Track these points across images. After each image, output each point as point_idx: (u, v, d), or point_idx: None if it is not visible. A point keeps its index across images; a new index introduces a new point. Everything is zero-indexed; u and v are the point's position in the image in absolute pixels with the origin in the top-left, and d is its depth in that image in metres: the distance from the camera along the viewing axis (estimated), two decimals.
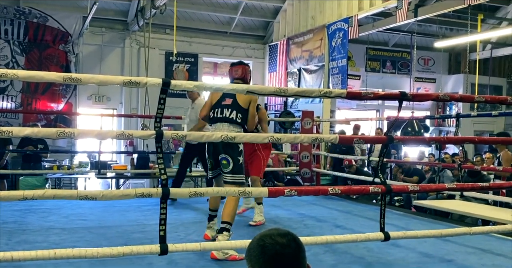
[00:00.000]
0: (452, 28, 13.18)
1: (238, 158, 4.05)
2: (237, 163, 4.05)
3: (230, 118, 4.16)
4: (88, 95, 11.25)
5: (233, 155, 4.04)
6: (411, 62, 13.54)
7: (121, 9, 11.41)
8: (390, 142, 3.63)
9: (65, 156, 10.42)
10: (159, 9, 8.48)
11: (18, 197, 2.65)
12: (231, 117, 4.16)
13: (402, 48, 14.07)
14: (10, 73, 2.58)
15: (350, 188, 4.18)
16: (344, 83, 9.50)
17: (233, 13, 12.10)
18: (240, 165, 4.07)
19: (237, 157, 4.05)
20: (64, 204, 6.07)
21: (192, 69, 12.12)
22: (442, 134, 14.06)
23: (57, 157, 10.11)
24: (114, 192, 3.11)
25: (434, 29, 12.93)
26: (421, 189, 4.67)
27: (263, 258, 1.43)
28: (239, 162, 4.06)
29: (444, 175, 8.20)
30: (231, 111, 4.17)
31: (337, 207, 6.62)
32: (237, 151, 4.05)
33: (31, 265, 3.37)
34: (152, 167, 8.31)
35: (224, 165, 4.07)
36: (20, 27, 10.50)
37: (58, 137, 2.59)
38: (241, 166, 4.10)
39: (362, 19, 9.74)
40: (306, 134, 4.79)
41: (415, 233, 3.79)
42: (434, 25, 12.54)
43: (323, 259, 3.88)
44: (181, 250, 3.17)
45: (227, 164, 4.05)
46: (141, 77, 3.08)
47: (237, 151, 4.05)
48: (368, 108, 14.10)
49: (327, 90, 3.54)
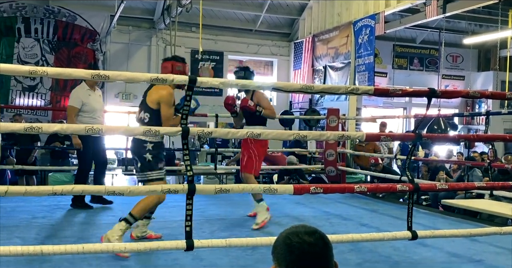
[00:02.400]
0: (482, 24, 12.90)
1: (143, 156, 3.85)
2: (144, 160, 3.86)
3: (139, 118, 3.99)
4: (116, 92, 11.42)
5: (139, 153, 3.88)
6: (439, 59, 13.32)
7: (147, 8, 11.53)
8: (418, 140, 3.57)
9: None
10: (185, 7, 8.53)
11: (47, 192, 2.70)
12: (140, 117, 3.98)
13: (430, 45, 13.86)
14: (40, 70, 2.63)
15: (377, 186, 4.13)
16: (370, 80, 9.40)
17: (258, 10, 12.10)
18: (148, 162, 3.86)
19: (143, 155, 3.85)
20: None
21: (218, 67, 12.17)
22: (471, 132, 13.79)
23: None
24: (141, 188, 3.14)
25: (463, 25, 12.69)
26: (450, 187, 4.58)
27: (290, 257, 1.40)
28: (145, 159, 3.85)
29: (473, 174, 8.04)
30: (140, 111, 4.00)
31: (363, 206, 6.55)
32: (144, 150, 3.85)
33: (60, 259, 3.44)
34: (178, 164, 8.37)
35: (135, 165, 3.98)
36: (49, 26, 10.71)
37: (86, 133, 2.63)
38: (150, 163, 3.87)
39: (389, 16, 9.62)
40: (332, 132, 4.75)
41: (443, 232, 3.73)
42: (463, 21, 12.31)
43: (348, 258, 3.84)
44: (206, 246, 3.19)
45: (136, 164, 3.94)
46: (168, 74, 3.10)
47: (143, 150, 3.85)
48: (395, 106, 13.94)
49: (354, 87, 3.50)
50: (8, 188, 2.65)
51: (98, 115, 5.72)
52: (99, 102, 5.81)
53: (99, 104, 5.82)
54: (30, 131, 2.62)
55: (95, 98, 5.74)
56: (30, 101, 10.63)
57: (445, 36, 11.60)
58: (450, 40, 13.52)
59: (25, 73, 2.69)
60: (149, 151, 3.85)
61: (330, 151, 7.53)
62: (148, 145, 3.84)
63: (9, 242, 3.94)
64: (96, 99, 5.76)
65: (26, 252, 2.65)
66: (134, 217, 3.77)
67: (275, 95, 12.74)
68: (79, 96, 5.61)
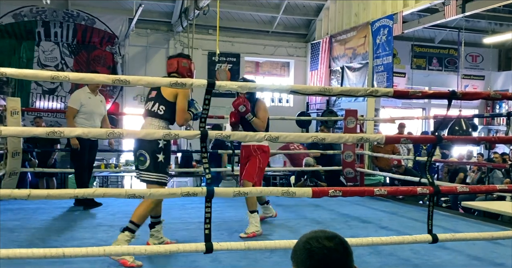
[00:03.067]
0: (502, 23, 12.70)
1: (156, 155, 3.71)
2: (155, 160, 3.72)
3: (152, 111, 3.89)
4: (134, 95, 11.51)
5: (151, 150, 3.72)
6: (458, 59, 13.16)
7: (165, 11, 11.61)
8: (439, 142, 3.54)
9: (112, 155, 10.69)
10: (202, 10, 8.58)
11: (69, 196, 2.74)
12: (153, 109, 3.89)
13: (449, 45, 13.70)
14: (62, 76, 2.67)
15: (397, 189, 4.10)
16: (389, 81, 9.33)
17: (275, 12, 12.09)
18: (160, 163, 3.74)
19: (156, 154, 3.72)
20: (111, 201, 6.21)
21: (234, 69, 12.19)
22: (491, 133, 13.60)
23: (104, 155, 10.39)
24: (160, 191, 3.17)
25: (483, 24, 12.53)
26: (471, 190, 4.53)
27: (310, 262, 1.40)
28: (157, 159, 3.72)
29: (494, 175, 7.92)
30: (154, 104, 3.90)
31: (382, 208, 6.51)
32: (157, 147, 3.71)
33: (82, 260, 3.48)
34: (195, 166, 8.40)
35: (140, 162, 3.78)
36: (69, 29, 10.85)
37: (107, 137, 2.66)
38: (161, 164, 3.75)
39: (407, 16, 9.53)
40: (351, 134, 4.72)
41: (464, 235, 3.69)
42: (483, 21, 12.15)
43: (368, 261, 3.82)
44: (225, 249, 3.21)
45: (143, 161, 3.74)
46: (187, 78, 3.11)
47: (156, 147, 3.71)
48: (414, 106, 13.80)
49: (373, 89, 3.48)
50: (30, 192, 2.70)
51: (94, 119, 5.81)
52: (98, 107, 5.89)
53: (98, 109, 5.89)
54: (52, 135, 2.67)
55: (95, 101, 5.85)
56: (50, 103, 10.78)
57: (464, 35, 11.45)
58: (470, 39, 13.35)
59: (47, 78, 2.73)
60: (162, 150, 3.74)
61: (348, 152, 7.50)
62: (161, 143, 3.73)
63: (30, 245, 4.01)
64: (96, 103, 5.87)
65: (49, 255, 2.69)
66: (136, 224, 3.67)
67: (292, 96, 12.71)
68: (80, 98, 5.75)
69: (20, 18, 10.54)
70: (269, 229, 4.95)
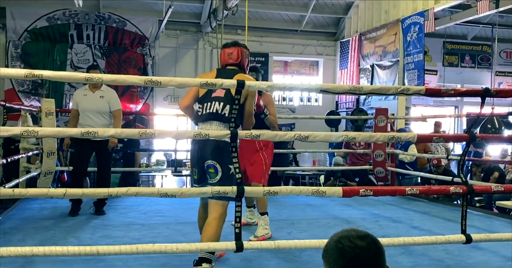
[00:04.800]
0: None
1: (229, 166, 3.19)
2: (227, 173, 3.20)
3: (222, 114, 3.28)
4: (164, 96, 11.66)
5: (223, 161, 3.20)
6: (492, 56, 12.86)
7: (194, 12, 11.72)
8: (473, 141, 3.47)
9: (143, 155, 10.85)
10: (231, 10, 8.62)
11: (103, 194, 2.80)
12: (223, 113, 3.28)
13: (482, 41, 13.39)
14: (96, 77, 2.73)
15: (429, 188, 4.05)
16: (420, 78, 9.19)
17: (303, 11, 12.06)
18: (231, 175, 3.20)
19: (228, 164, 3.19)
20: (143, 201, 6.32)
21: (263, 68, 12.19)
22: None
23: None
24: (191, 190, 3.20)
25: None
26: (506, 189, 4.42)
27: (342, 261, 1.40)
28: (229, 171, 3.20)
29: None
30: (224, 106, 3.29)
31: (413, 208, 6.42)
32: (229, 157, 3.17)
33: (114, 258, 3.55)
34: None
35: (211, 175, 3.23)
36: (100, 32, 11.07)
37: (140, 137, 2.71)
38: (231, 177, 3.20)
39: (439, 12, 9.37)
40: (382, 133, 4.67)
41: (499, 235, 3.61)
42: None
43: (399, 261, 3.78)
44: (256, 248, 3.22)
45: (214, 173, 3.21)
46: (217, 79, 3.14)
47: (228, 157, 3.17)
48: (446, 105, 13.55)
49: (404, 87, 3.44)
50: (66, 191, 2.77)
51: (88, 115, 5.50)
52: (92, 103, 5.53)
53: (93, 105, 5.52)
54: (87, 135, 2.73)
55: (91, 98, 5.54)
56: None
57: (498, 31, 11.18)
58: (504, 35, 13.03)
59: (81, 80, 2.80)
60: (232, 160, 3.16)
61: (378, 151, 7.42)
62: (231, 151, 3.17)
63: (66, 242, 4.11)
64: (92, 100, 5.53)
65: (83, 252, 2.76)
66: (211, 251, 3.15)
67: (321, 95, 12.65)
68: (75, 97, 5.72)
69: (53, 22, 10.81)
70: (298, 228, 4.95)
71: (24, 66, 10.54)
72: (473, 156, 10.16)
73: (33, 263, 3.45)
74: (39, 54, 10.75)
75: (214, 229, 3.17)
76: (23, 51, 10.70)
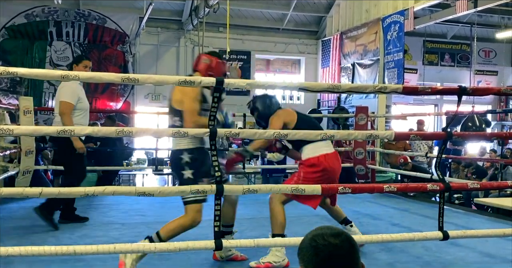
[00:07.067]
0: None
1: (181, 173, 3.31)
2: (182, 180, 3.32)
3: (171, 125, 3.41)
4: (145, 94, 11.59)
5: (176, 169, 3.37)
6: (471, 55, 13.05)
7: (175, 9, 11.66)
8: (449, 139, 3.51)
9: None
10: (213, 8, 8.60)
11: (80, 194, 2.77)
12: (171, 123, 3.42)
13: (461, 40, 13.59)
14: (72, 75, 2.69)
15: (406, 185, 4.08)
16: (400, 77, 9.28)
17: (285, 9, 12.08)
18: (188, 180, 3.27)
19: (181, 171, 3.31)
20: (123, 199, 6.26)
21: (245, 67, 12.21)
22: (504, 129, 13.46)
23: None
24: (170, 188, 3.19)
25: (496, 19, 12.40)
26: (482, 186, 4.49)
27: (316, 259, 1.40)
28: (183, 177, 3.30)
29: (507, 171, 7.85)
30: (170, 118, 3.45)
31: (393, 205, 6.48)
32: (181, 162, 3.31)
33: (93, 258, 3.52)
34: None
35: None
36: (80, 29, 10.95)
37: (117, 135, 2.68)
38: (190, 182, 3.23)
39: (419, 11, 9.46)
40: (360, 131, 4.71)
41: (475, 232, 3.65)
42: (496, 15, 12.03)
43: (378, 258, 3.81)
44: (235, 246, 3.22)
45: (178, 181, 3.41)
46: (196, 76, 3.13)
47: (180, 162, 3.31)
48: (426, 103, 13.72)
49: (382, 86, 3.46)
50: (42, 190, 2.73)
51: (87, 115, 4.85)
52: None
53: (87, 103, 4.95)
54: (63, 134, 2.69)
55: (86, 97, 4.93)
56: None
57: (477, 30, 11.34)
58: (482, 34, 13.22)
59: (58, 78, 2.76)
60: (187, 165, 3.31)
61: (359, 149, 7.46)
62: (185, 157, 3.31)
63: (44, 242, 4.06)
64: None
65: (60, 252, 2.72)
66: (161, 237, 3.23)
67: (303, 94, 12.70)
68: (75, 90, 4.67)
69: (32, 18, 10.66)
70: None
71: (2, 63, 10.38)
72: (452, 153, 10.28)
73: (11, 263, 3.40)
74: (17, 52, 10.60)
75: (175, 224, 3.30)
76: (1, 48, 10.54)
